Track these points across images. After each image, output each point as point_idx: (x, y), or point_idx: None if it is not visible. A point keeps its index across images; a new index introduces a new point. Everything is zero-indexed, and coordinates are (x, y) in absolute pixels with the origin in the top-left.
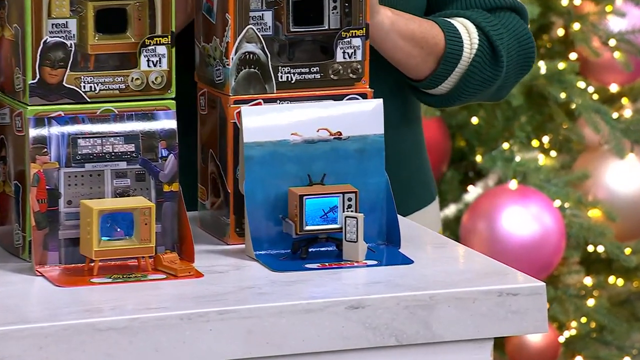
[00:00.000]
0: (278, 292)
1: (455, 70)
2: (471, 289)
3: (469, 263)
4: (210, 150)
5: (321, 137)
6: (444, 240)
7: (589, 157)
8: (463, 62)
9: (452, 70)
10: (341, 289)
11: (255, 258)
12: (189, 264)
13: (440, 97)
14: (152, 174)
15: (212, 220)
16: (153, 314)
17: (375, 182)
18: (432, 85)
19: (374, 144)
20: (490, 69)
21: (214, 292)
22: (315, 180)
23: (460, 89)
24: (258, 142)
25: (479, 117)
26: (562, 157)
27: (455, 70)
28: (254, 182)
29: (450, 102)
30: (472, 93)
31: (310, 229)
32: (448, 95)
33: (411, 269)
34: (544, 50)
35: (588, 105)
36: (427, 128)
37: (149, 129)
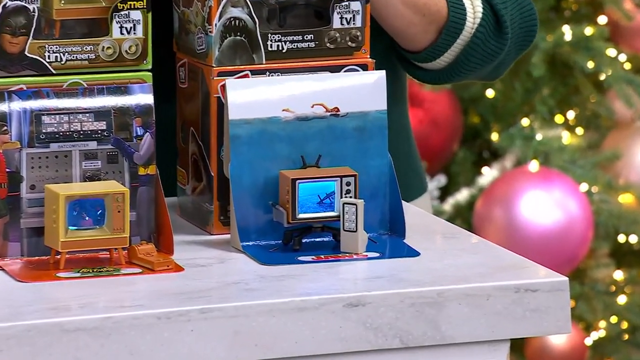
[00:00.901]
0: (268, 288)
1: (457, 42)
2: (485, 284)
3: (482, 255)
4: (191, 128)
5: (316, 114)
6: (455, 229)
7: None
8: (465, 33)
9: (453, 42)
10: (338, 284)
11: (242, 250)
12: (167, 256)
13: (437, 72)
14: (126, 155)
15: (194, 207)
16: (127, 312)
17: (377, 165)
18: (430, 57)
19: (375, 122)
20: (494, 42)
21: (196, 288)
22: (310, 162)
23: (460, 63)
24: (245, 119)
25: (495, 89)
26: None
27: (457, 41)
28: (240, 164)
29: (447, 79)
30: (471, 68)
31: (304, 217)
32: (445, 70)
33: (417, 262)
34: (569, 14)
35: (619, 75)
36: (437, 103)
37: (123, 105)
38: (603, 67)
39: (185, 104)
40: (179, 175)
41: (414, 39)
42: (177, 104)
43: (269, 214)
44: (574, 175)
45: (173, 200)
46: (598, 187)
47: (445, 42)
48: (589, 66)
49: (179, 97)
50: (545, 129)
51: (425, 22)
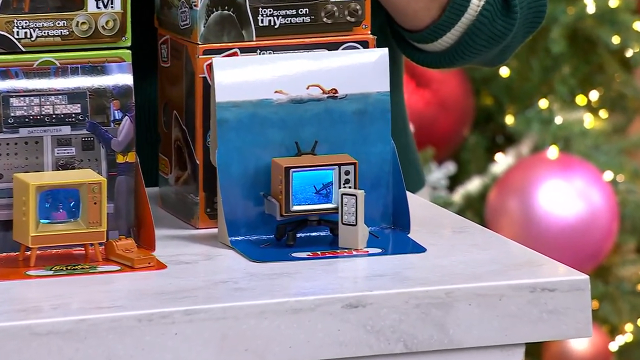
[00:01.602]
0: (259, 287)
1: (461, 21)
2: (497, 283)
3: (495, 251)
4: (175, 111)
5: (312, 96)
6: (464, 223)
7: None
8: (470, 11)
9: (457, 20)
10: (337, 283)
11: (230, 245)
12: (148, 252)
13: (437, 54)
14: (103, 141)
15: (177, 198)
16: (105, 314)
17: (379, 152)
18: (431, 38)
19: (377, 104)
20: (501, 22)
21: (180, 287)
22: (305, 149)
23: (463, 45)
24: (234, 102)
25: (510, 68)
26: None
27: (461, 20)
28: (228, 151)
29: (448, 62)
30: (476, 51)
31: (299, 210)
32: (447, 52)
33: (423, 258)
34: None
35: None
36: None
37: (99, 86)
38: (630, 42)
39: (167, 85)
40: (160, 163)
41: (414, 17)
42: (158, 85)
43: (260, 206)
44: (597, 162)
45: (154, 191)
46: (624, 176)
47: (449, 20)
48: (614, 42)
49: (160, 77)
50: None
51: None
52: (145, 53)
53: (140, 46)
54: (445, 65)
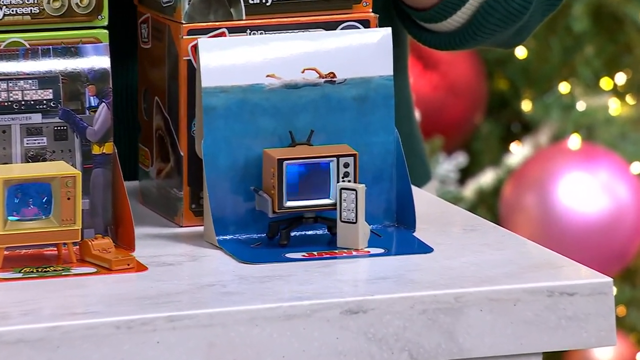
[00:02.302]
0: (249, 291)
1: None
2: (512, 286)
3: (509, 251)
4: (156, 97)
5: (308, 81)
6: (476, 220)
7: None
8: None
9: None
10: (335, 286)
11: (217, 245)
12: (127, 253)
13: (447, 35)
14: (77, 131)
15: (159, 193)
16: (79, 321)
17: (382, 142)
18: (439, 16)
19: (379, 90)
20: (548, 7)
21: (162, 291)
22: (300, 139)
23: (475, 24)
24: (221, 87)
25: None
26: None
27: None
28: (216, 141)
29: (458, 44)
30: (489, 31)
31: (293, 206)
32: (457, 33)
33: (430, 259)
34: None
35: None
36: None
37: (73, 69)
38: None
39: (148, 68)
40: (141, 154)
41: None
42: (138, 68)
43: (251, 202)
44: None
45: (134, 185)
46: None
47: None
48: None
49: (140, 60)
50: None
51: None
52: (124, 33)
53: (118, 26)
54: (456, 46)
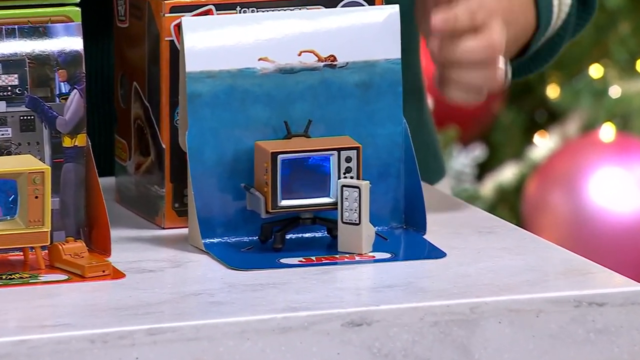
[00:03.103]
0: (239, 300)
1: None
2: (534, 295)
3: (532, 256)
4: (135, 83)
5: (305, 65)
6: (495, 222)
7: None
8: (551, 29)
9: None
10: (335, 296)
11: (204, 249)
12: (102, 258)
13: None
14: (46, 121)
15: (138, 191)
16: (49, 334)
17: (388, 133)
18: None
19: (386, 75)
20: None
21: (142, 301)
22: (296, 130)
23: (538, 59)
24: (208, 71)
25: None
26: None
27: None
28: (202, 132)
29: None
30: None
31: (289, 205)
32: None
33: (443, 265)
34: None
35: None
36: None
37: (41, 52)
38: None
39: (126, 50)
40: (117, 147)
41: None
42: (114, 50)
43: (241, 201)
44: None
45: (110, 182)
46: None
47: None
48: None
49: (117, 41)
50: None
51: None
52: (98, 11)
53: (92, 3)
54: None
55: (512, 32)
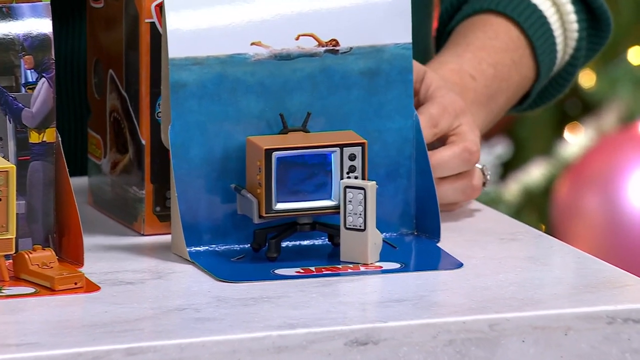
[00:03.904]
0: (229, 316)
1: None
2: (562, 311)
3: (560, 267)
4: (110, 71)
5: (303, 50)
6: (518, 227)
7: None
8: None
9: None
10: (338, 311)
11: (189, 259)
12: (74, 268)
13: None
14: (10, 113)
15: (114, 193)
16: (14, 354)
17: (398, 128)
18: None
19: (395, 61)
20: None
21: (120, 317)
22: (294, 124)
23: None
24: (194, 57)
25: None
26: None
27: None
28: (186, 127)
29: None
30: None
31: (285, 209)
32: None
33: (459, 277)
34: None
35: None
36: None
37: (5, 35)
38: None
39: (100, 33)
40: (91, 143)
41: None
42: (87, 33)
43: (231, 204)
44: None
45: (82, 183)
46: None
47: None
48: None
49: (90, 23)
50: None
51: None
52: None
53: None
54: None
55: (504, 99)
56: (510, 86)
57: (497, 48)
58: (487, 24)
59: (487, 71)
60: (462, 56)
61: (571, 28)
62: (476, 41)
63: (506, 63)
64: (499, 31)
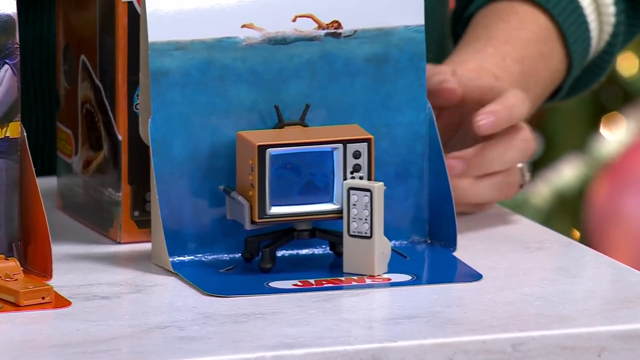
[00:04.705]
0: (217, 335)
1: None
2: (595, 329)
3: (594, 280)
4: (82, 56)
5: (301, 33)
6: (547, 235)
7: None
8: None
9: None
10: (340, 329)
11: (172, 270)
12: (41, 281)
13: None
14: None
15: (87, 195)
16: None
17: (409, 122)
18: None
19: (405, 46)
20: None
21: (93, 336)
22: (290, 117)
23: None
24: (177, 42)
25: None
26: None
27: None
28: (169, 121)
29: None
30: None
31: (281, 213)
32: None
33: (478, 290)
34: None
35: None
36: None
37: None
38: None
39: (71, 14)
40: (60, 138)
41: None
42: (56, 14)
43: (220, 207)
44: None
45: (51, 184)
46: None
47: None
48: None
49: (60, 2)
50: None
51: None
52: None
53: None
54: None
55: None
56: (539, 82)
57: (524, 40)
58: (511, 11)
59: (513, 68)
60: (483, 52)
61: (607, 12)
62: (499, 33)
63: (534, 57)
64: (525, 20)
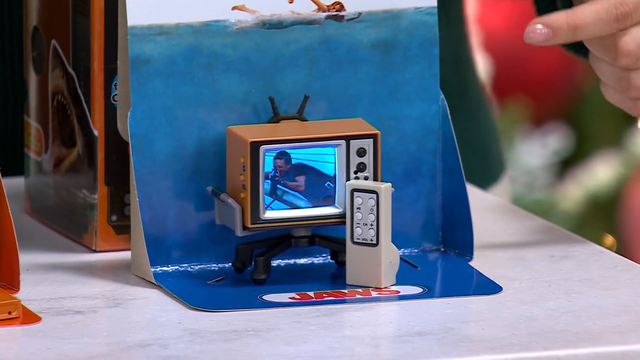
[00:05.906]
0: (205, 354)
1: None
2: (629, 347)
3: (627, 292)
4: (53, 41)
5: (299, 16)
6: (574, 242)
7: None
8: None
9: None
10: (343, 347)
11: (154, 282)
12: (7, 294)
13: None
14: None
15: (59, 197)
16: None
17: (419, 115)
18: None
19: (415, 31)
20: None
21: (67, 354)
22: (287, 110)
23: None
24: (159, 25)
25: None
26: None
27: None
28: (150, 114)
29: None
30: None
31: (276, 218)
32: None
33: (498, 304)
34: None
35: None
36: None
37: None
38: None
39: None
40: (28, 134)
41: None
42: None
43: (207, 212)
44: None
45: (17, 185)
46: None
47: None
48: None
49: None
50: None
51: None
52: None
53: None
54: None
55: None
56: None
57: None
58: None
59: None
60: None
61: None
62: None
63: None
64: None
